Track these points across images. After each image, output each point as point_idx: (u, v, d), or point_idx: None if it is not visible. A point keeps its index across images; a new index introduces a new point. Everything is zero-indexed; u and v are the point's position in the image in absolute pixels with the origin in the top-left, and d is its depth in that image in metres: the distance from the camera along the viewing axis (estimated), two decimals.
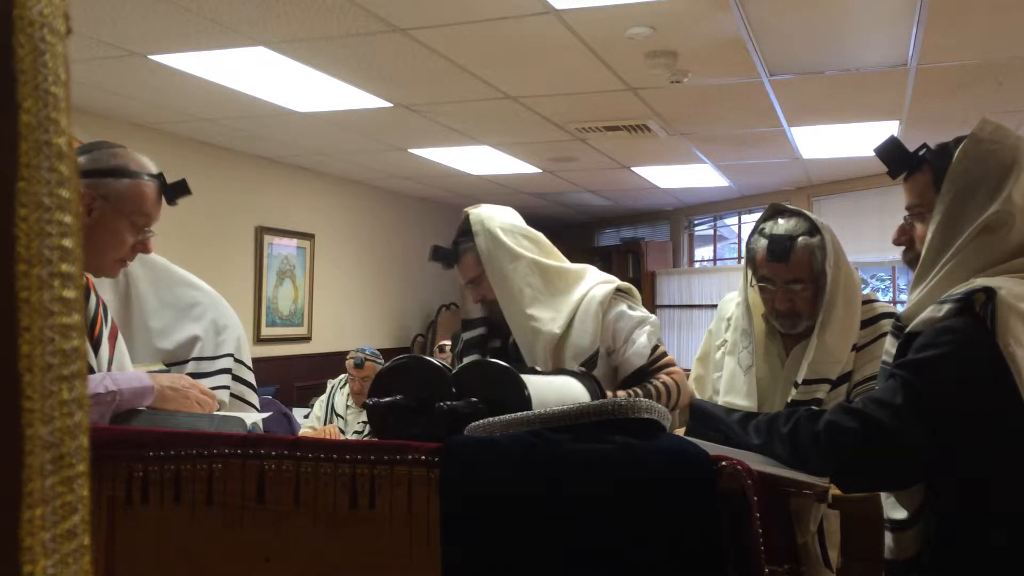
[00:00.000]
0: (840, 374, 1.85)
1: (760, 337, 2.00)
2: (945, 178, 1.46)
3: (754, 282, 1.96)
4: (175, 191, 1.71)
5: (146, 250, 1.70)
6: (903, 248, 1.63)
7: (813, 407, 1.65)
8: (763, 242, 1.90)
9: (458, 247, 2.10)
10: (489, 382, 1.31)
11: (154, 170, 1.70)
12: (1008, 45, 3.75)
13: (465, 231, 2.09)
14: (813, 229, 1.88)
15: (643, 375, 2.00)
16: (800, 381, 1.86)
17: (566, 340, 2.00)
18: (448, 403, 1.26)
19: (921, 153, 1.54)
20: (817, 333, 1.86)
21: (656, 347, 2.03)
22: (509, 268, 2.04)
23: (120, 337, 1.77)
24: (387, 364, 1.40)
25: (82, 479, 0.39)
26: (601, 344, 2.00)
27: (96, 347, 1.67)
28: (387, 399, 1.31)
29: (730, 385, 1.98)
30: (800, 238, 1.86)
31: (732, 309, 2.08)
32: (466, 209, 2.13)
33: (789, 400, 1.86)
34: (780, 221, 1.91)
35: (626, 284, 2.13)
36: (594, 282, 2.09)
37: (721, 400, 1.96)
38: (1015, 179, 1.42)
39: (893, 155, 1.56)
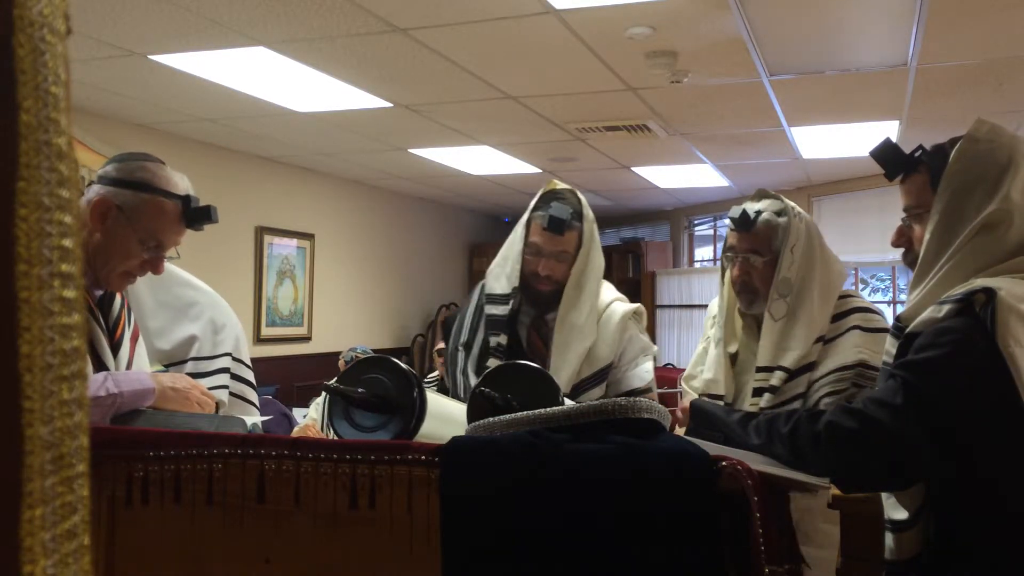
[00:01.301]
0: (801, 364, 1.86)
1: (740, 324, 2.04)
2: (942, 178, 1.46)
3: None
4: (197, 216, 1.64)
5: (156, 270, 1.64)
6: (903, 250, 1.63)
7: (811, 406, 1.65)
8: (733, 215, 1.99)
9: (571, 221, 2.05)
10: (525, 382, 1.32)
11: (181, 191, 1.63)
12: (1008, 45, 3.75)
13: (577, 210, 2.07)
14: (783, 212, 1.95)
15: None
16: (757, 367, 1.90)
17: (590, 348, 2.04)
18: (488, 390, 1.28)
19: (917, 154, 1.54)
20: (767, 316, 1.91)
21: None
22: (590, 266, 2.07)
23: (141, 339, 1.77)
24: (365, 358, 1.37)
25: (82, 479, 0.39)
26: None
27: (118, 347, 1.67)
28: (344, 387, 1.28)
29: (707, 362, 2.04)
30: (766, 213, 1.95)
31: None
32: (564, 185, 2.12)
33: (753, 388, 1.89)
34: (759, 201, 2.01)
35: (640, 307, 2.18)
36: (612, 297, 2.13)
37: (699, 377, 2.03)
38: (1012, 177, 1.42)
39: (889, 157, 1.56)
